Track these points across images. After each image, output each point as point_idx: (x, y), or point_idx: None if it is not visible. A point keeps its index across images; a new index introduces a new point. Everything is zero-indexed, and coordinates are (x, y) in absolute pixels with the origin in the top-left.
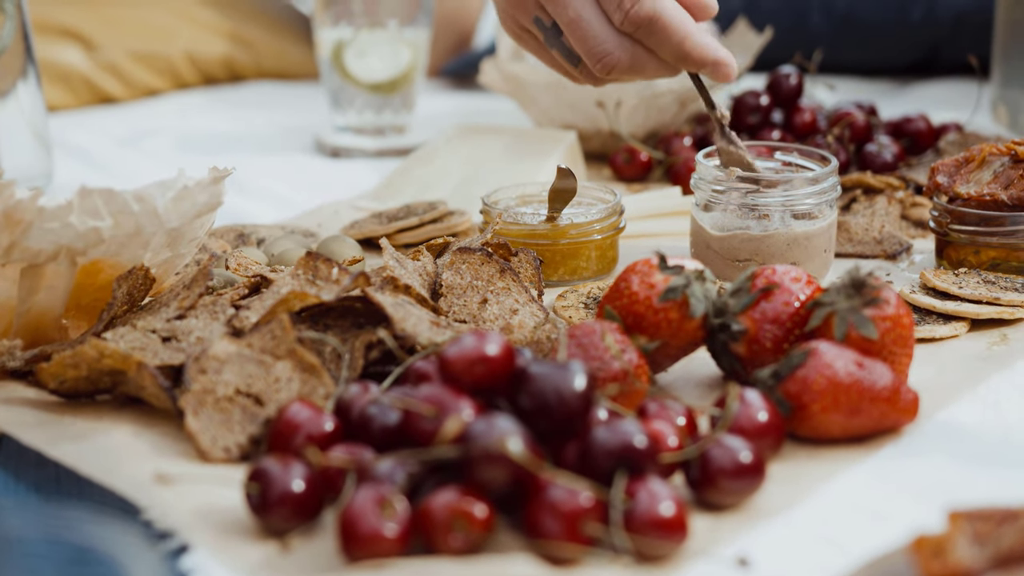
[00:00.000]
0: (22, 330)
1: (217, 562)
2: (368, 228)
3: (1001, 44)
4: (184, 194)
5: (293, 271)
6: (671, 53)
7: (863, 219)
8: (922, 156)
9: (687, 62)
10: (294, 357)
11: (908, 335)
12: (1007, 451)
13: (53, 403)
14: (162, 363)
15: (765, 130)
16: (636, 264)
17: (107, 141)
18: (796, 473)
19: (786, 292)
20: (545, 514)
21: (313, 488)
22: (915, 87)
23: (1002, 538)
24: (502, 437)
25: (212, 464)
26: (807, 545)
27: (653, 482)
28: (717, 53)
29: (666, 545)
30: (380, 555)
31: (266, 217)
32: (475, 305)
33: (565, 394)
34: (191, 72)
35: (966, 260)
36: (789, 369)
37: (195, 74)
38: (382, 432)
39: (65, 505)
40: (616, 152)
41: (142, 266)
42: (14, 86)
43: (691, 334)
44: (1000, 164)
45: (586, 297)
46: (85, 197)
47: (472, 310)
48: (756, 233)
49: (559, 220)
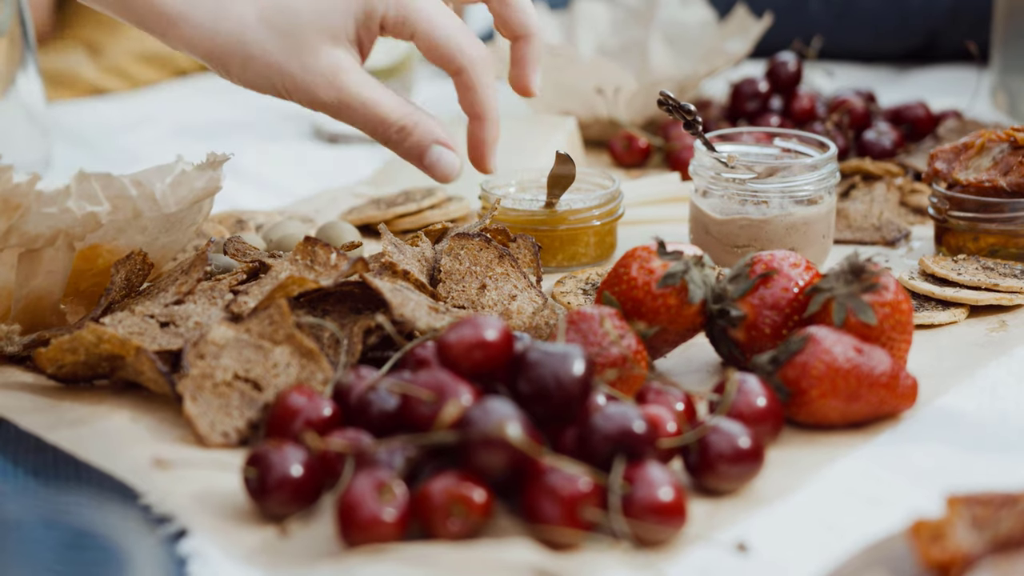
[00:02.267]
0: (20, 315)
1: (215, 546)
2: (366, 214)
3: (1000, 31)
4: (182, 179)
5: (291, 256)
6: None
7: (862, 205)
8: (921, 143)
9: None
10: (292, 342)
11: (907, 321)
12: (1005, 436)
13: (51, 388)
14: (160, 348)
15: (764, 116)
16: (635, 250)
17: (105, 127)
18: (795, 458)
19: (785, 278)
20: (544, 499)
21: (312, 473)
22: (914, 74)
23: (1000, 523)
24: (501, 422)
25: (210, 449)
26: (806, 530)
27: (652, 467)
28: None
29: (665, 530)
30: (379, 540)
31: (264, 203)
32: (474, 291)
33: (564, 379)
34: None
35: (965, 246)
36: (788, 355)
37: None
38: (381, 417)
39: (63, 489)
40: (615, 138)
41: (140, 251)
42: (12, 72)
43: (690, 320)
44: (999, 151)
45: (585, 283)
46: (83, 182)
47: (471, 296)
48: (755, 219)
49: (558, 206)
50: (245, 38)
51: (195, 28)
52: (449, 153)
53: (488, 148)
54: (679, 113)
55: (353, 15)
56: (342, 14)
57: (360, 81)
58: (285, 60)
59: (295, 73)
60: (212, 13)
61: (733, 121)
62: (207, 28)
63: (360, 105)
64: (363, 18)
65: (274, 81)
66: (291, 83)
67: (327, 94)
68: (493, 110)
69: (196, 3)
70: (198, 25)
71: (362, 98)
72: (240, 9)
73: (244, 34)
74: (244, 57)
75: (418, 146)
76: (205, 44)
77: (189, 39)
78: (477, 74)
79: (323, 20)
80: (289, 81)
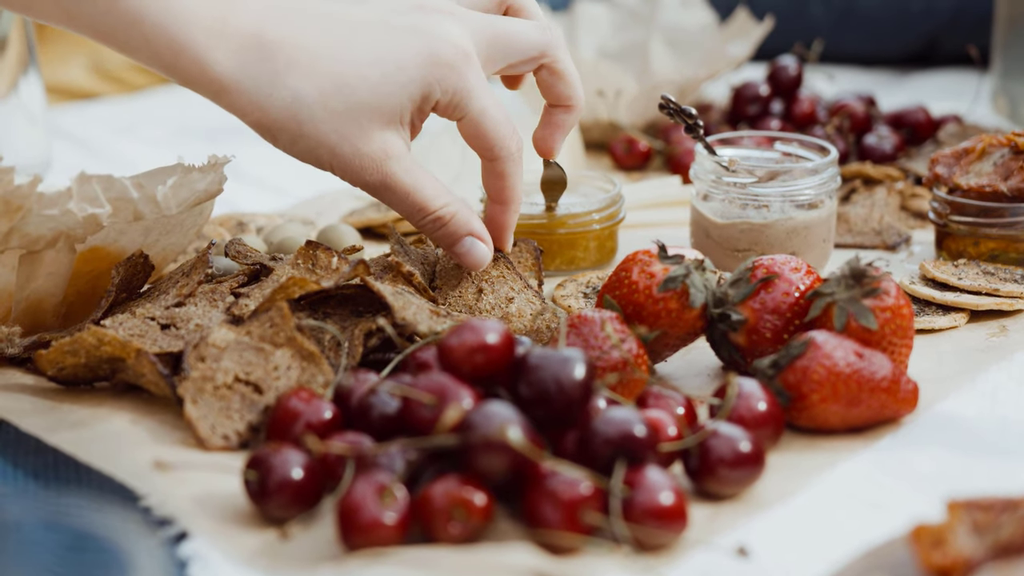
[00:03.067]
0: (21, 317)
1: (216, 549)
2: (367, 216)
3: (1001, 35)
4: (183, 181)
5: (292, 260)
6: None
7: (862, 210)
8: (921, 147)
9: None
10: (293, 345)
11: (908, 326)
12: (1006, 441)
13: (52, 390)
14: (161, 350)
15: (764, 120)
16: (636, 253)
17: (106, 129)
18: (795, 463)
19: (786, 282)
20: (544, 503)
21: (312, 476)
22: (915, 78)
23: (1001, 528)
24: (502, 425)
25: (211, 451)
26: (807, 535)
27: (652, 471)
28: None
29: (665, 534)
30: (379, 543)
31: (265, 206)
32: (471, 296)
33: (565, 383)
34: None
35: (965, 251)
36: (788, 359)
37: None
38: (381, 420)
39: (64, 492)
40: (615, 141)
41: (141, 253)
42: (14, 75)
43: (691, 324)
44: (1000, 155)
45: (585, 286)
46: (84, 184)
47: (468, 301)
48: (756, 223)
49: (557, 210)
50: (299, 115)
51: (247, 98)
52: (480, 245)
53: (510, 231)
54: (680, 116)
55: (410, 98)
56: (400, 97)
57: (406, 169)
58: (337, 141)
59: (345, 155)
60: (267, 85)
61: (734, 125)
62: (260, 100)
63: (403, 192)
64: (420, 101)
65: (321, 158)
66: (339, 163)
67: (372, 177)
68: (520, 197)
69: (250, 73)
70: (250, 96)
71: (406, 187)
72: (296, 84)
73: (298, 110)
74: (295, 133)
75: (452, 236)
76: (256, 115)
77: (241, 108)
78: (513, 166)
79: (381, 102)
80: (337, 161)
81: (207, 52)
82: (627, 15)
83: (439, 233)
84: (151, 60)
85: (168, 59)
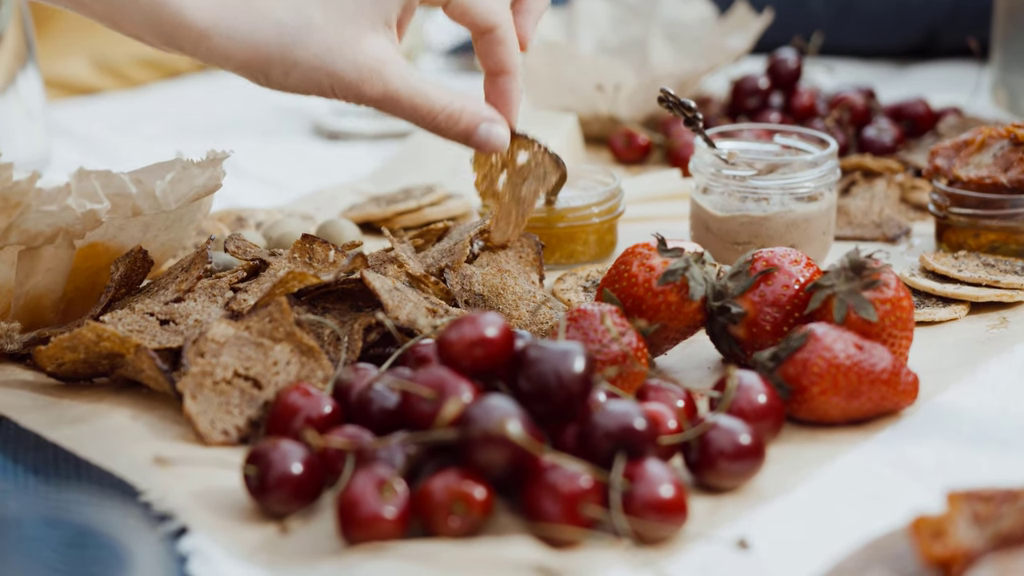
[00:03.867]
0: (20, 313)
1: (216, 544)
2: (367, 211)
3: (1001, 27)
4: (182, 176)
5: (289, 254)
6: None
7: (862, 202)
8: (921, 139)
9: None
10: (292, 340)
11: (908, 318)
12: (1006, 433)
13: (51, 386)
14: (160, 346)
15: (764, 113)
16: (635, 247)
17: (105, 125)
18: (795, 455)
19: (785, 275)
20: (544, 496)
21: (312, 471)
22: (914, 70)
23: (1002, 519)
24: (501, 419)
25: (211, 447)
26: (807, 527)
27: (652, 464)
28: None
29: (666, 527)
30: (379, 537)
31: (264, 201)
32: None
33: (565, 376)
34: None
35: (965, 243)
36: (788, 352)
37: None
38: (381, 415)
39: (63, 487)
40: (615, 135)
41: (140, 248)
42: (12, 71)
43: (690, 317)
44: (1000, 147)
45: (585, 280)
46: (83, 179)
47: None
48: (755, 215)
49: (556, 203)
50: (287, 42)
51: (230, 39)
52: (496, 127)
53: (517, 103)
54: (679, 110)
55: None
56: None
57: (403, 73)
58: (331, 59)
59: (343, 70)
60: (247, 21)
61: (733, 118)
62: (243, 37)
63: (408, 98)
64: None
65: (321, 82)
66: (338, 81)
67: (375, 89)
68: (520, 65)
69: (228, 12)
70: (233, 35)
71: (409, 91)
72: (277, 13)
73: (285, 37)
74: (288, 63)
75: (467, 128)
76: (241, 55)
77: (224, 51)
78: (508, 30)
79: (366, 3)
80: (336, 80)
81: (182, 1)
82: (626, 9)
83: (456, 130)
84: (141, 25)
85: (153, 19)
